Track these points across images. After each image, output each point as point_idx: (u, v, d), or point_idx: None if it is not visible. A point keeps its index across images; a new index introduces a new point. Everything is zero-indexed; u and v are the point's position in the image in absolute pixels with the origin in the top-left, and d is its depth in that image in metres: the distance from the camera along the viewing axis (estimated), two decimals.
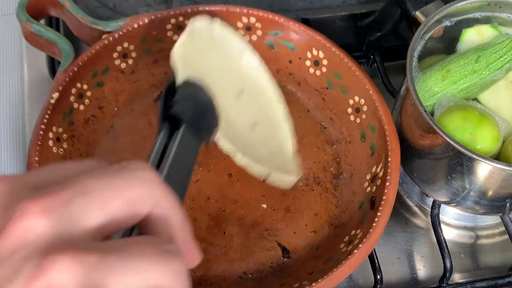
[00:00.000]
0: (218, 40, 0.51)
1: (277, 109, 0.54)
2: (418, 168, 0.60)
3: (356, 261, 0.51)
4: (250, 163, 0.59)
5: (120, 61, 0.64)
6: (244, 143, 0.58)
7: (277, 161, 0.57)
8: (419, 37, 0.56)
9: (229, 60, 0.51)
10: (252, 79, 0.52)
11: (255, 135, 0.56)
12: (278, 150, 0.55)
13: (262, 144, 0.57)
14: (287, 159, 0.55)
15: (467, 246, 0.62)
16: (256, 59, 0.51)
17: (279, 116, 0.54)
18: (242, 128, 0.56)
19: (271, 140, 0.55)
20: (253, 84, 0.52)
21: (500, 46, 0.55)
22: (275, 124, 0.53)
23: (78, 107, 0.61)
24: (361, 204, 0.57)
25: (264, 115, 0.54)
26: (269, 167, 0.58)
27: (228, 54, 0.51)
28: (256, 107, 0.54)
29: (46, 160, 0.56)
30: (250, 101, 0.54)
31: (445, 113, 0.55)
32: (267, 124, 0.54)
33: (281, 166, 0.57)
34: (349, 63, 0.62)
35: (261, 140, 0.56)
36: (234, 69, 0.51)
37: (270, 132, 0.55)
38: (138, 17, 0.63)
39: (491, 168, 0.50)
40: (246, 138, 0.57)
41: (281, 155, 0.55)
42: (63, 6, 0.62)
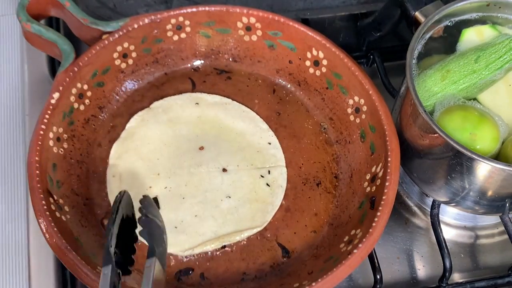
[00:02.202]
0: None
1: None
2: (417, 168, 0.60)
3: (356, 261, 0.51)
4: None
5: (120, 61, 0.64)
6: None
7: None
8: (419, 37, 0.56)
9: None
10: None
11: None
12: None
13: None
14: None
15: (467, 246, 0.62)
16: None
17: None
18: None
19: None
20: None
21: (500, 46, 0.56)
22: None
23: (78, 107, 0.62)
24: (361, 204, 0.57)
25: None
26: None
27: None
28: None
29: (47, 160, 0.56)
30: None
31: (445, 113, 0.55)
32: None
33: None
34: (349, 63, 0.62)
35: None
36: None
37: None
38: (138, 17, 0.64)
39: (491, 168, 0.50)
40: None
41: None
42: (64, 6, 0.62)
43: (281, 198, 0.60)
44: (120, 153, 0.62)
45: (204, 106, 0.65)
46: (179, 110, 0.64)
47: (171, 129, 0.63)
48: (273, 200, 0.60)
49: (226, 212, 0.58)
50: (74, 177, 0.59)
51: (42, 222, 0.52)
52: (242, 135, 0.63)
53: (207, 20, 0.65)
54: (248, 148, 0.62)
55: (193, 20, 0.65)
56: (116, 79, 0.65)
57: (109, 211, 0.58)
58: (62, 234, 0.52)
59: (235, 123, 0.64)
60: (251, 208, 0.59)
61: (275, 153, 0.62)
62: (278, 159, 0.62)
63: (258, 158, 0.62)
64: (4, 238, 0.62)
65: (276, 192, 0.60)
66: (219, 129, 0.63)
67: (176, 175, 0.60)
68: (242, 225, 0.58)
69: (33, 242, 0.60)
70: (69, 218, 0.55)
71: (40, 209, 0.52)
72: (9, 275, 0.60)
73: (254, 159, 0.62)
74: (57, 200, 0.55)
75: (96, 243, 0.56)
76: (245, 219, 0.58)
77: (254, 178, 0.61)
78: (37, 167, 0.54)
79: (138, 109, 0.65)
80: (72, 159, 0.60)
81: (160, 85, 0.66)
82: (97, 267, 0.52)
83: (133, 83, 0.66)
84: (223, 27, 0.66)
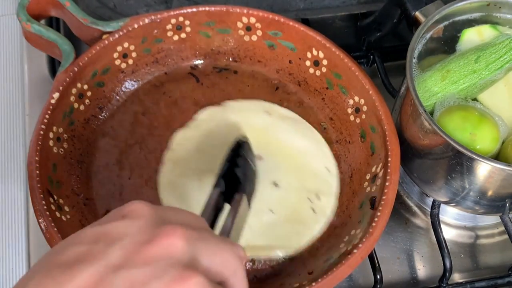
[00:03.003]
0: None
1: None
2: (417, 168, 0.60)
3: (356, 261, 0.51)
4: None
5: (120, 61, 0.64)
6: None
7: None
8: (419, 37, 0.56)
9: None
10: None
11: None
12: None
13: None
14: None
15: (467, 246, 0.62)
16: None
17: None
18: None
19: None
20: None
21: (500, 46, 0.56)
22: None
23: (78, 107, 0.62)
24: (361, 204, 0.57)
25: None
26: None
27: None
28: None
29: (47, 160, 0.56)
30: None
31: (445, 113, 0.55)
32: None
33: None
34: (349, 63, 0.62)
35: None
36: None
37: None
38: (138, 17, 0.64)
39: (491, 168, 0.50)
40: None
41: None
42: (64, 6, 0.62)
43: (321, 228, 0.58)
44: (182, 140, 0.62)
45: (275, 116, 0.64)
46: (249, 114, 0.64)
47: (236, 130, 0.62)
48: (313, 227, 0.58)
49: (265, 225, 0.57)
50: (74, 177, 0.59)
51: (42, 222, 0.52)
52: (304, 155, 0.62)
53: (207, 20, 0.65)
54: (306, 169, 0.61)
55: (193, 20, 0.65)
56: (116, 79, 0.65)
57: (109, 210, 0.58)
58: (62, 234, 0.52)
59: (300, 141, 0.62)
60: (289, 229, 0.57)
61: (330, 181, 0.61)
62: (332, 187, 0.60)
63: (312, 181, 0.60)
64: (4, 239, 0.62)
65: (319, 220, 0.58)
66: (282, 143, 0.62)
67: None
68: (276, 242, 0.57)
69: (33, 242, 0.60)
70: (69, 218, 0.55)
71: (40, 209, 0.52)
72: (9, 275, 0.60)
73: (308, 181, 0.60)
74: (57, 200, 0.55)
75: None
76: (280, 237, 0.57)
77: (301, 200, 0.59)
78: (37, 167, 0.54)
79: (138, 109, 0.65)
80: (72, 159, 0.60)
81: (160, 85, 0.66)
82: None
83: (133, 83, 0.66)
84: (223, 27, 0.66)
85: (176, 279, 0.32)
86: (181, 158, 0.61)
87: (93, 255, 0.33)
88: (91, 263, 0.32)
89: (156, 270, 0.32)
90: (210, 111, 0.64)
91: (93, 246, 0.33)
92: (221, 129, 0.63)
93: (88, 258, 0.33)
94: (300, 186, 0.60)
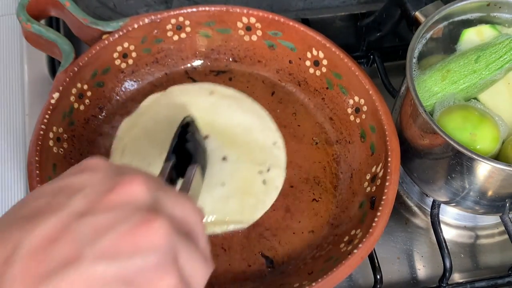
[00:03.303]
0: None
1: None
2: (418, 168, 0.60)
3: (356, 261, 0.51)
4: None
5: (120, 61, 0.64)
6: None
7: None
8: (419, 37, 0.56)
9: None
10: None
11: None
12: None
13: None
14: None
15: (467, 246, 0.62)
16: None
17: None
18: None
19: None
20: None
21: (500, 46, 0.56)
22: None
23: (78, 107, 0.61)
24: (361, 204, 0.57)
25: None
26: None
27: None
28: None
29: (47, 160, 0.56)
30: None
31: (445, 113, 0.55)
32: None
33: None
34: (349, 63, 0.62)
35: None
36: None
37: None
38: (138, 17, 0.64)
39: (491, 168, 0.50)
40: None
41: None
42: (64, 6, 0.62)
43: (273, 199, 0.60)
44: (129, 128, 0.63)
45: (219, 96, 0.65)
46: (193, 96, 0.65)
47: (181, 113, 0.62)
48: (265, 199, 0.60)
49: (217, 200, 0.58)
50: None
51: None
52: (249, 130, 0.63)
53: (207, 20, 0.65)
54: (253, 143, 0.62)
55: (193, 20, 0.65)
56: (116, 79, 0.65)
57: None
58: None
59: (245, 118, 0.64)
60: (242, 201, 0.59)
61: (278, 154, 0.62)
62: (280, 160, 0.62)
63: (260, 155, 0.62)
64: None
65: (270, 192, 0.60)
66: (228, 120, 0.64)
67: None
68: (229, 216, 0.58)
69: None
70: None
71: None
72: None
73: (256, 155, 0.62)
74: None
75: None
76: (233, 211, 0.58)
77: (252, 172, 0.61)
78: (37, 167, 0.54)
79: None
80: (72, 159, 0.60)
81: (160, 85, 0.66)
82: None
83: (133, 83, 0.66)
84: (223, 27, 0.66)
85: (141, 221, 0.32)
86: (128, 145, 0.62)
87: (56, 205, 0.33)
88: (54, 212, 0.32)
89: (120, 215, 0.32)
90: (154, 97, 0.65)
91: (55, 198, 0.33)
92: (166, 112, 0.64)
93: (51, 208, 0.33)
94: (249, 160, 0.61)
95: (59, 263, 0.30)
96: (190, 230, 0.36)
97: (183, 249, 0.34)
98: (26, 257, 0.30)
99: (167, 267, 0.32)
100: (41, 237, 0.31)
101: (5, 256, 0.31)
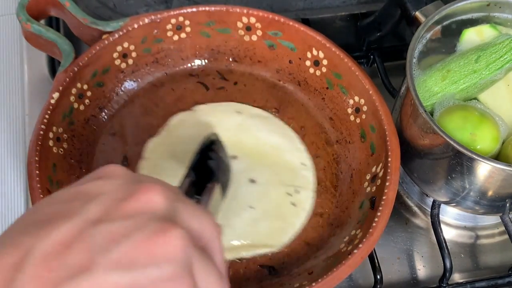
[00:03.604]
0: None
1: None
2: (418, 168, 0.60)
3: (356, 261, 0.51)
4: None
5: (120, 61, 0.64)
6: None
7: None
8: (419, 37, 0.56)
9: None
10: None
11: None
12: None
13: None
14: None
15: (467, 246, 0.62)
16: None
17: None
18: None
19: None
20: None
21: (500, 46, 0.55)
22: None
23: (78, 107, 0.61)
24: (361, 204, 0.57)
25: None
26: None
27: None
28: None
29: (47, 160, 0.56)
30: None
31: (445, 113, 0.55)
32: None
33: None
34: (349, 63, 0.62)
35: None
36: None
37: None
38: (138, 17, 0.64)
39: (491, 168, 0.50)
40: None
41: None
42: (63, 6, 0.62)
43: (302, 222, 0.58)
44: (155, 148, 0.62)
45: (246, 115, 0.64)
46: (220, 115, 0.64)
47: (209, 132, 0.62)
48: (294, 222, 0.58)
49: (246, 223, 0.57)
50: (74, 177, 0.59)
51: None
52: (277, 151, 0.62)
53: (207, 20, 0.65)
54: (281, 164, 0.61)
55: (193, 20, 0.65)
56: (116, 79, 0.65)
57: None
58: None
59: (273, 138, 0.63)
60: (271, 225, 0.58)
61: (307, 175, 0.61)
62: (309, 182, 0.60)
63: (289, 177, 0.60)
64: None
65: (299, 215, 0.59)
66: (256, 141, 0.62)
67: None
68: (258, 240, 0.57)
69: None
70: None
71: None
72: None
73: (284, 176, 0.60)
74: None
75: None
76: (262, 234, 0.57)
77: (280, 194, 0.59)
78: (37, 167, 0.54)
79: (138, 109, 0.65)
80: (72, 159, 0.60)
81: (160, 85, 0.66)
82: None
83: (133, 83, 0.66)
84: (223, 27, 0.66)
85: (157, 230, 0.31)
86: (155, 166, 0.61)
87: (70, 211, 0.32)
88: (69, 218, 0.31)
89: (136, 224, 0.31)
90: (181, 116, 0.64)
91: (70, 204, 0.33)
92: (194, 133, 0.62)
93: (66, 214, 0.32)
94: (277, 181, 0.60)
95: (71, 271, 0.30)
96: (207, 244, 0.35)
97: (199, 263, 0.33)
98: (38, 263, 0.30)
99: (183, 280, 0.31)
100: (54, 243, 0.30)
101: (16, 261, 0.30)
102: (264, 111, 0.65)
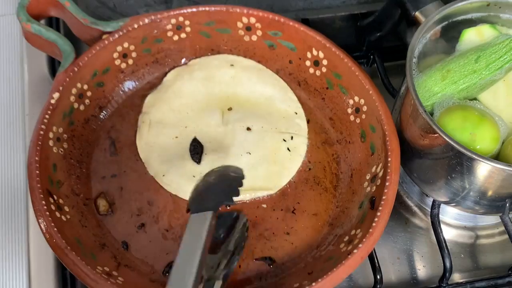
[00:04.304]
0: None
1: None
2: (418, 168, 0.60)
3: (356, 261, 0.51)
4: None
5: (120, 61, 0.64)
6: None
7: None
8: (419, 37, 0.56)
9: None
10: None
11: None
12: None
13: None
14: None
15: (467, 246, 0.62)
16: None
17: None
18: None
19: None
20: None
21: (500, 46, 0.55)
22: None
23: (78, 107, 0.62)
24: (361, 204, 0.57)
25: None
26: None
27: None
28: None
29: (47, 160, 0.56)
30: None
31: (445, 113, 0.55)
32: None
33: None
34: (349, 63, 0.62)
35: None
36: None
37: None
38: (138, 17, 0.64)
39: (491, 168, 0.50)
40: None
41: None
42: (64, 6, 0.62)
43: (298, 166, 0.61)
44: (153, 102, 0.64)
45: (239, 67, 0.67)
46: (214, 69, 0.66)
47: (204, 87, 0.65)
48: (291, 166, 0.61)
49: (245, 168, 0.57)
50: (74, 177, 0.59)
51: (42, 222, 0.52)
52: (271, 100, 0.65)
53: (207, 20, 0.65)
54: (275, 113, 0.64)
55: (193, 20, 0.65)
56: (116, 79, 0.65)
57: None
58: (62, 234, 0.52)
59: (266, 88, 0.66)
60: (268, 169, 0.61)
61: (300, 123, 0.64)
62: (302, 129, 0.64)
63: (283, 124, 0.63)
64: (4, 238, 0.62)
65: (294, 159, 0.62)
66: (249, 91, 0.65)
67: (202, 130, 0.62)
68: (257, 183, 0.60)
69: (33, 242, 0.60)
70: (69, 218, 0.55)
71: (40, 209, 0.52)
72: (9, 275, 0.60)
73: (279, 124, 0.63)
74: (57, 200, 0.55)
75: (96, 243, 0.56)
76: (260, 178, 0.60)
77: (276, 140, 0.62)
78: (37, 167, 0.54)
79: (138, 109, 0.65)
80: (72, 159, 0.60)
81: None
82: (97, 267, 0.52)
83: (133, 83, 0.66)
84: (223, 27, 0.66)
85: None
86: (154, 118, 0.63)
87: None
88: None
89: None
90: (176, 71, 0.66)
91: None
92: (189, 86, 0.65)
93: None
94: (272, 128, 0.63)
95: None
96: None
97: None
98: None
99: None
100: None
101: None
102: (254, 62, 0.67)
